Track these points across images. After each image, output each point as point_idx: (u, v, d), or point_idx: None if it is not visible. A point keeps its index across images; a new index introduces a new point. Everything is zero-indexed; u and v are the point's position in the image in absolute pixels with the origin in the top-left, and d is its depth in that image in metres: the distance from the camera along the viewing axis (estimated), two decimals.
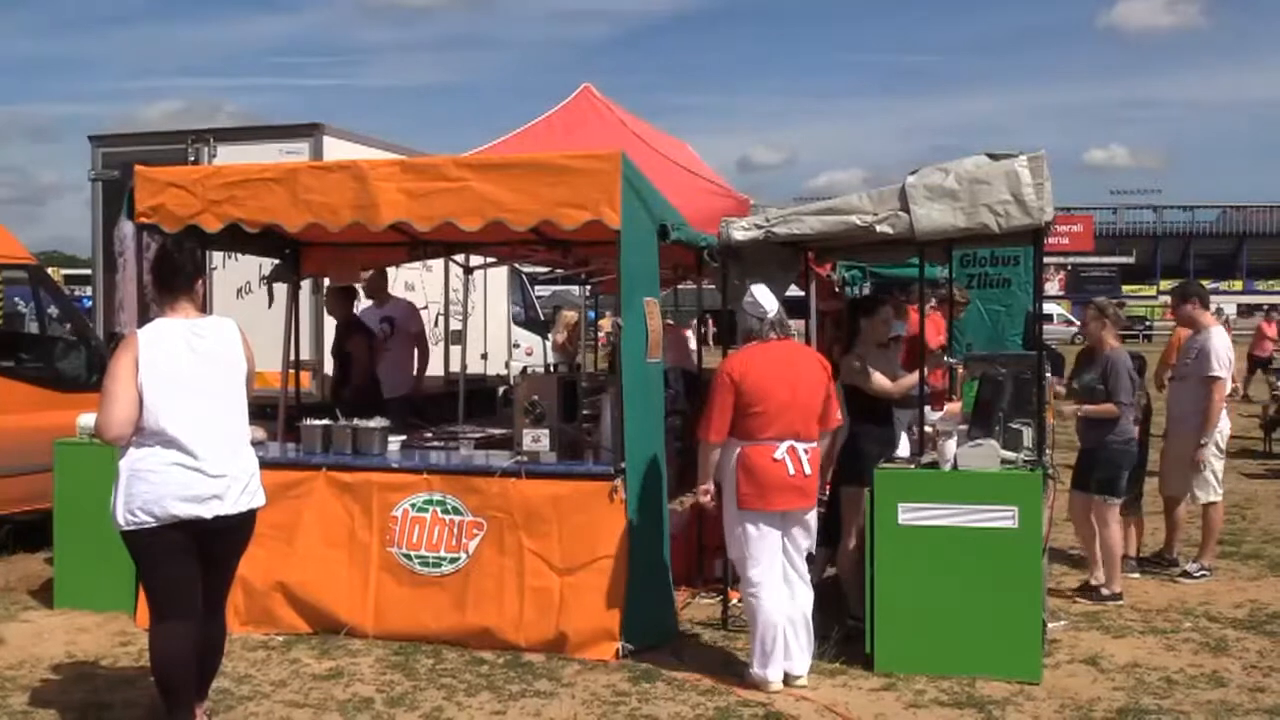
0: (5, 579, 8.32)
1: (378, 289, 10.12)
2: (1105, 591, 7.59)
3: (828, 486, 6.91)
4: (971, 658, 6.03)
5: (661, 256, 7.15)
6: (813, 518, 6.08)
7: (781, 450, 5.85)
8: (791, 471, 5.85)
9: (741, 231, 6.85)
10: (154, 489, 4.82)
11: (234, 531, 5.03)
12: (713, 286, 8.48)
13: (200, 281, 5.19)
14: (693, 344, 11.33)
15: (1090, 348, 8.01)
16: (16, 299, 12.81)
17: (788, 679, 5.91)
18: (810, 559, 6.20)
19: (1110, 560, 7.62)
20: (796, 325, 6.95)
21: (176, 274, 5.07)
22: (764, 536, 5.94)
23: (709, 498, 6.13)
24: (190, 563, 4.94)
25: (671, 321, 11.77)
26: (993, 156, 6.33)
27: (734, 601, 7.12)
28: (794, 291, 8.02)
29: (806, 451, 5.91)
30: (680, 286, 13.31)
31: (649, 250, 6.88)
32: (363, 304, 9.93)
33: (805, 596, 6.05)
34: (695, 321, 12.11)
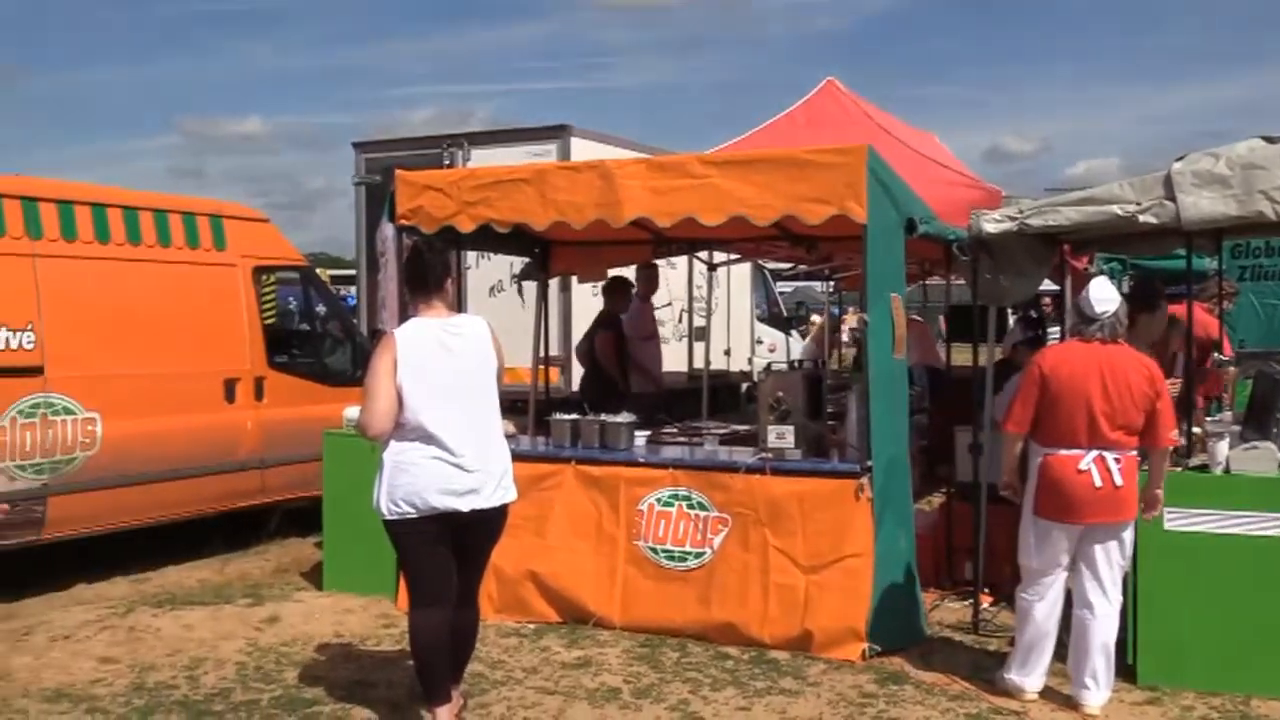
0: (279, 561, 8.86)
1: (654, 286, 10.33)
2: None
3: None
4: (1246, 674, 5.66)
5: (908, 251, 6.99)
6: (1130, 534, 5.57)
7: (1088, 460, 5.41)
8: (1099, 483, 5.39)
9: (993, 224, 6.63)
10: (414, 481, 5.01)
11: (488, 524, 5.19)
12: (961, 282, 8.26)
13: (450, 281, 5.35)
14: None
15: None
16: (289, 298, 13.62)
17: (1077, 707, 5.58)
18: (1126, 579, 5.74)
19: None
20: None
21: (428, 274, 5.25)
22: (1053, 544, 5.59)
23: (1011, 491, 5.83)
24: (446, 552, 5.12)
25: (917, 318, 11.55)
26: (1269, 140, 5.92)
27: (985, 605, 6.92)
28: (1048, 286, 7.74)
29: (1118, 460, 5.42)
30: (927, 282, 13.03)
31: (895, 245, 6.73)
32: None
33: (1108, 619, 5.57)
34: (941, 318, 11.85)
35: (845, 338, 17.17)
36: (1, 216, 7.51)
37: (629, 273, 10.01)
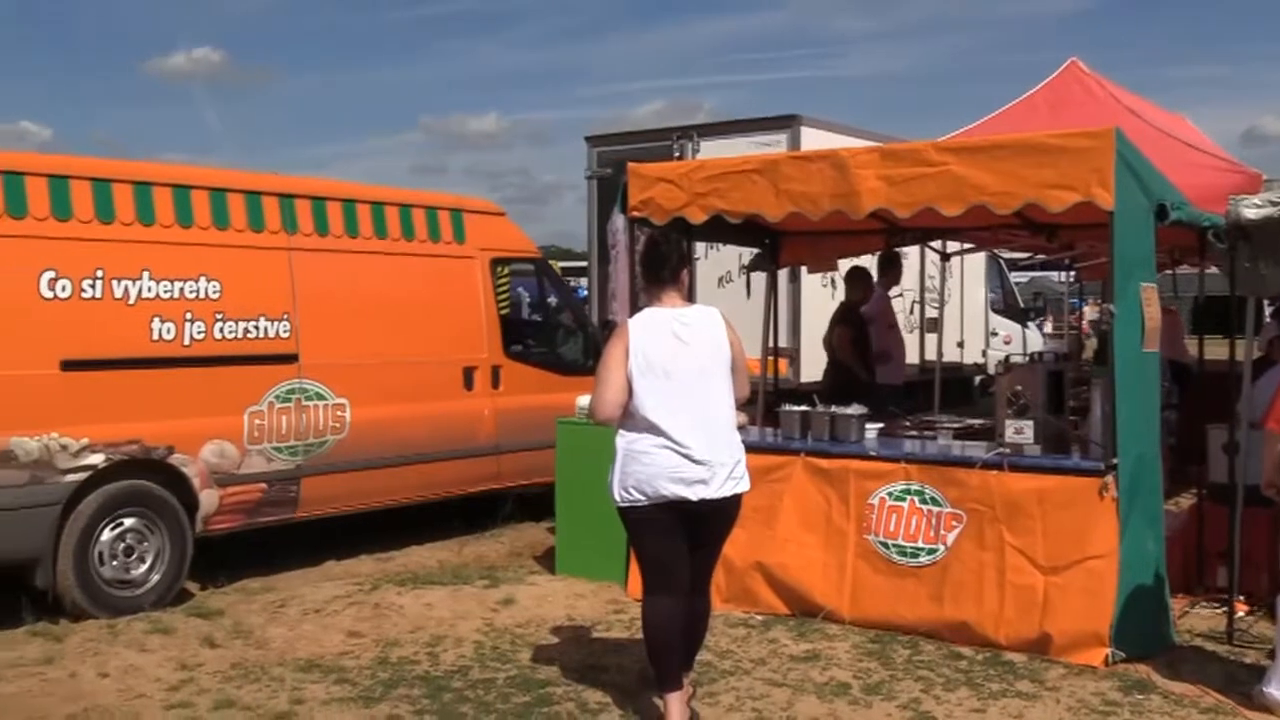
0: (513, 545, 9.12)
1: (898, 277, 10.19)
2: None
3: None
4: None
5: (1157, 239, 6.65)
6: None
7: None
8: None
9: (1254, 209, 6.24)
10: (646, 470, 5.06)
11: (719, 515, 5.18)
12: (1214, 271, 7.83)
13: (685, 272, 5.39)
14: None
15: None
16: (520, 289, 14.00)
17: None
18: None
19: None
20: None
21: (663, 265, 5.29)
22: None
23: (1275, 492, 5.48)
24: (678, 540, 5.14)
25: (1170, 309, 11.01)
26: None
27: (1240, 614, 6.54)
28: None
29: None
30: (1177, 271, 12.39)
31: (1144, 232, 6.42)
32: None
33: None
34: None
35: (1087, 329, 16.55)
36: (261, 212, 7.97)
37: (870, 261, 9.87)
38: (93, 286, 7.06)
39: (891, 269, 9.98)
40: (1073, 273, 14.61)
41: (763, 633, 6.61)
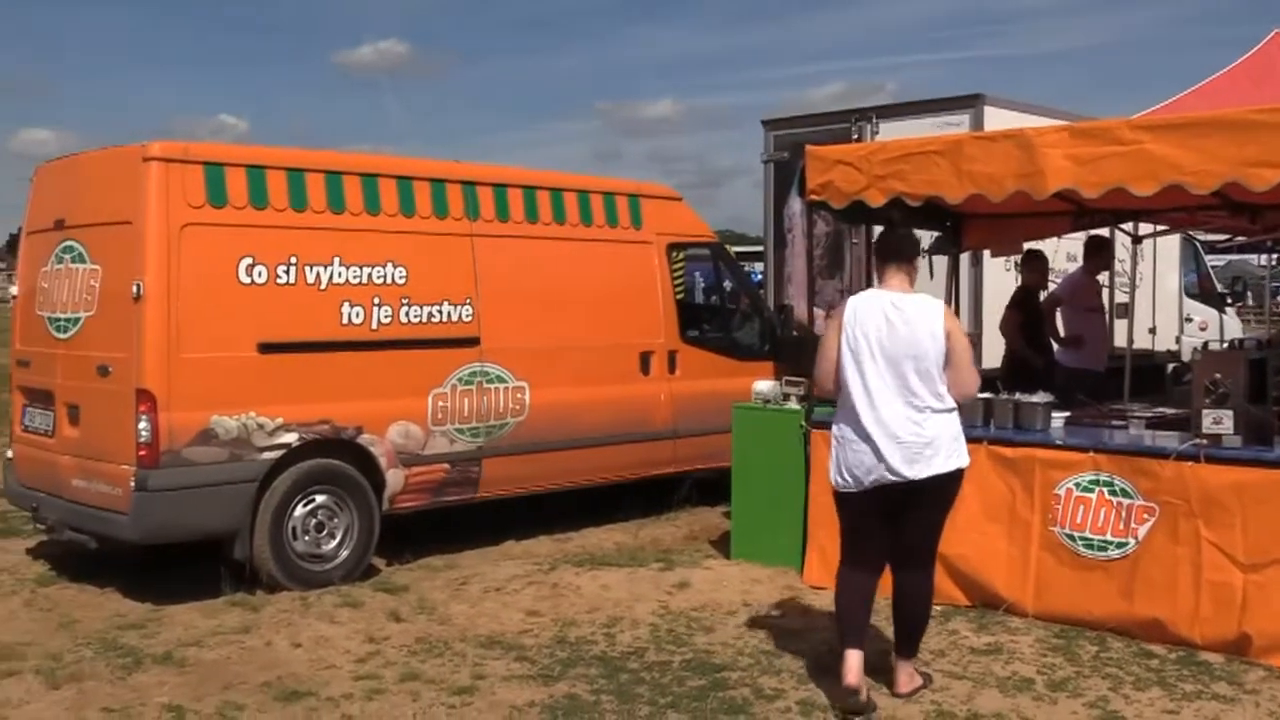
0: (689, 529, 9.15)
1: (1102, 262, 9.90)
2: None
3: None
4: None
5: None
6: None
7: None
8: None
9: None
10: (847, 454, 5.26)
11: (920, 495, 5.23)
12: None
13: (913, 260, 5.49)
14: None
15: None
16: (696, 274, 14.01)
17: None
18: None
19: None
20: None
21: (899, 248, 5.47)
22: None
23: None
24: (875, 522, 5.30)
25: None
26: None
27: None
28: None
29: None
30: None
31: None
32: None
33: None
34: None
35: None
36: (444, 200, 8.17)
37: (1066, 244, 9.57)
38: (287, 272, 7.35)
39: (1099, 254, 9.67)
40: (1274, 255, 13.88)
41: (942, 624, 6.48)
